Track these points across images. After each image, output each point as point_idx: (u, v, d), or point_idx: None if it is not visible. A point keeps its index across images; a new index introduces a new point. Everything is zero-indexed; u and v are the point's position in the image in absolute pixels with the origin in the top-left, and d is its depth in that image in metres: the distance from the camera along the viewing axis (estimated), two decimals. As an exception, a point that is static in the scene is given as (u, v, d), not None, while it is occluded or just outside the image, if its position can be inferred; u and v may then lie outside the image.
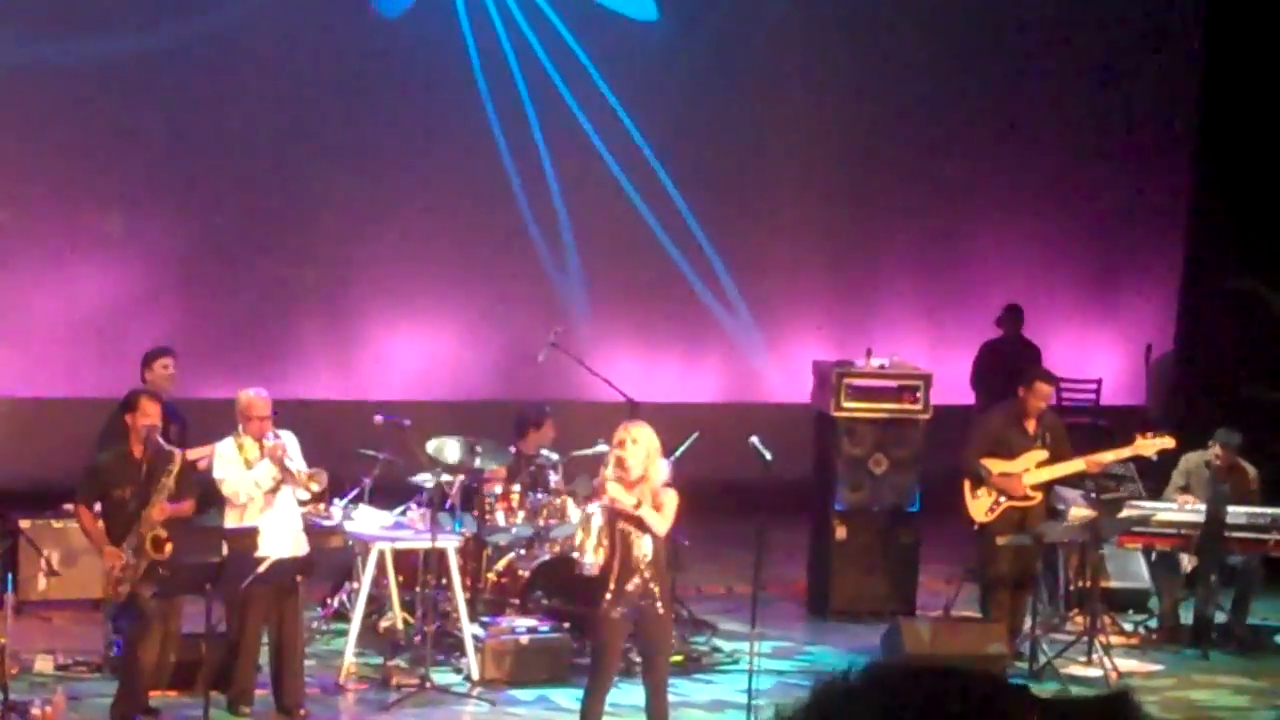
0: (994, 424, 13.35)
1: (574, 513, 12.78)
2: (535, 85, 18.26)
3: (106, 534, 10.92)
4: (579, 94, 18.35)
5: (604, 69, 18.45)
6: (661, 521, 10.03)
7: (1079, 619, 13.54)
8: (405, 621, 12.67)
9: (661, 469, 10.24)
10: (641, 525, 9.99)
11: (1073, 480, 13.67)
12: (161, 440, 10.88)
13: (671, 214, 18.73)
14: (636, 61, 18.58)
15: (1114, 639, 13.36)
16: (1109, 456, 13.25)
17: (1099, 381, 19.65)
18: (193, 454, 11.46)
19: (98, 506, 10.98)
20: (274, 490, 11.03)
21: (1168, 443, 13.22)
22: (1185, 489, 13.92)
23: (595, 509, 10.65)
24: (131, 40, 17.06)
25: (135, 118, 17.10)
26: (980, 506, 13.06)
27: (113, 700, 10.87)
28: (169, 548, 10.74)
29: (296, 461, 11.13)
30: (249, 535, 10.93)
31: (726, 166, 18.84)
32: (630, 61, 18.55)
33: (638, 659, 10.72)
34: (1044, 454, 13.08)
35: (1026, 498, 13.05)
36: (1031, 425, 13.14)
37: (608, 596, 10.04)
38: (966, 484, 13.11)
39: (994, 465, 13.04)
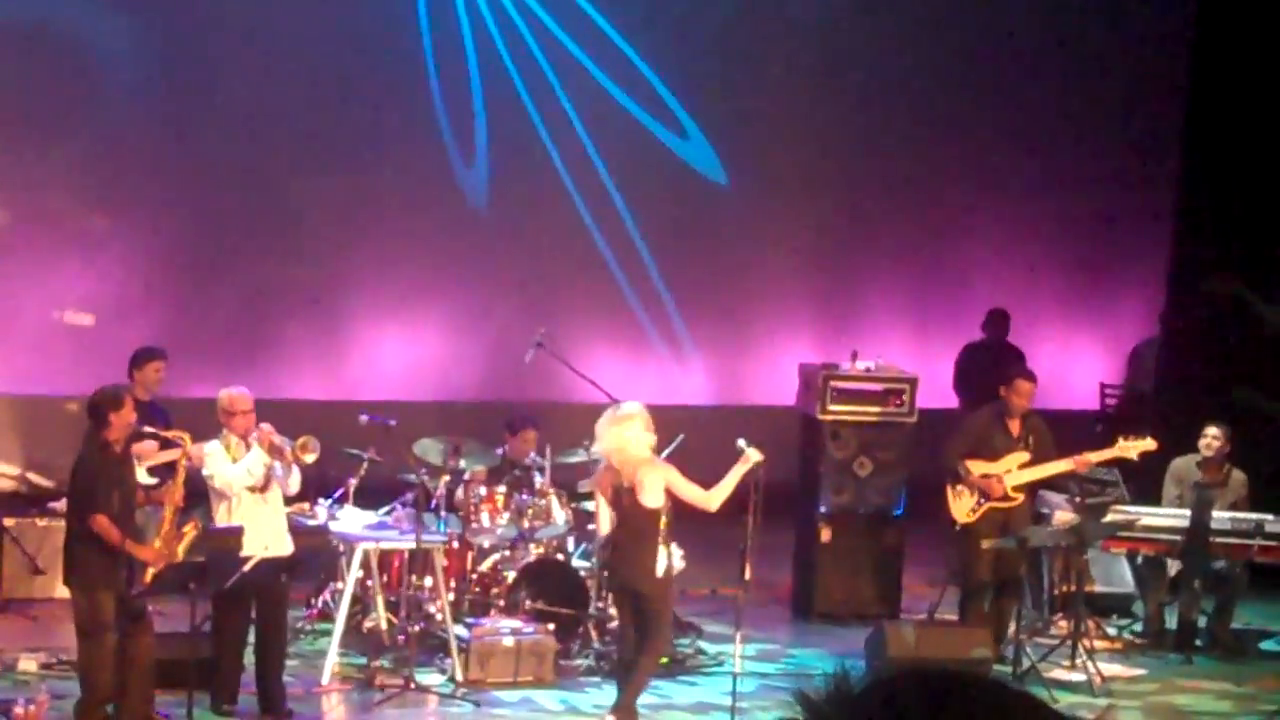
0: (978, 423, 13.32)
1: (559, 514, 12.80)
2: (528, 83, 18.24)
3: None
4: (570, 92, 18.35)
5: (595, 65, 18.44)
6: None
7: (1063, 623, 13.55)
8: (389, 622, 12.65)
9: (641, 445, 10.88)
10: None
11: (1058, 483, 13.65)
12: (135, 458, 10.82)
13: (659, 216, 18.72)
14: (629, 59, 18.57)
15: (1098, 643, 13.36)
16: (1094, 457, 13.22)
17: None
18: (152, 459, 11.55)
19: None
20: (264, 480, 10.99)
21: (1149, 445, 13.18)
22: (1181, 499, 13.84)
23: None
24: (117, 41, 17.04)
25: (121, 118, 17.07)
26: (962, 507, 13.03)
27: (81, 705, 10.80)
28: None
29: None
30: (234, 534, 10.90)
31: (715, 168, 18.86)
32: (622, 59, 18.54)
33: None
34: (1026, 455, 13.02)
35: (1007, 498, 13.01)
36: (1016, 426, 13.11)
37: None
38: (949, 484, 13.09)
39: (976, 466, 13.01)
